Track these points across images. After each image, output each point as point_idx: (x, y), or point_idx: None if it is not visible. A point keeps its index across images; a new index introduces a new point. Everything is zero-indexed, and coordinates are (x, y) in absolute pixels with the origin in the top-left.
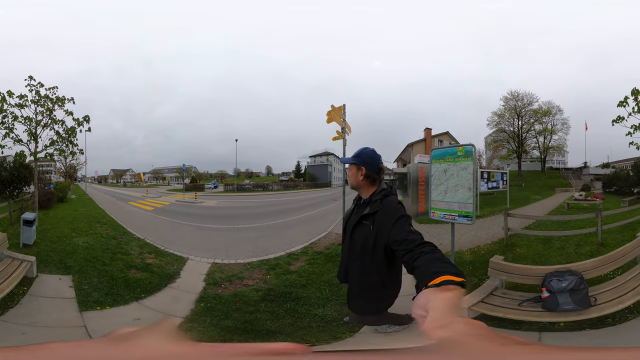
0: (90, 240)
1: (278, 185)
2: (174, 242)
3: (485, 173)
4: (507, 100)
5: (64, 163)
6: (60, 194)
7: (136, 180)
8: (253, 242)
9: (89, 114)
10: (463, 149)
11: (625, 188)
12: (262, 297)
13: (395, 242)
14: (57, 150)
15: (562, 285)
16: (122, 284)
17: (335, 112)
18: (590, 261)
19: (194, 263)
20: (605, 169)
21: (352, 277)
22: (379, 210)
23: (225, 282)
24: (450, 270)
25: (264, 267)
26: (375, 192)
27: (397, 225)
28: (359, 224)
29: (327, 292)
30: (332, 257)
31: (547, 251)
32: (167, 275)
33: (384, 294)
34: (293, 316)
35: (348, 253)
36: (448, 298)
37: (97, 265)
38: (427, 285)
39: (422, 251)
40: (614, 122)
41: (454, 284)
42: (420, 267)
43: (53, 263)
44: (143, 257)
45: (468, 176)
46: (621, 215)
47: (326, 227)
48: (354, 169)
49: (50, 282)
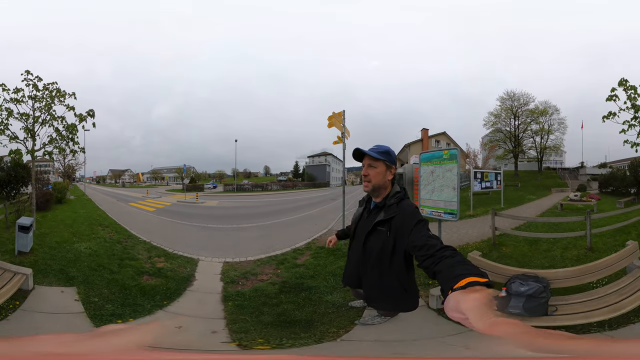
0: (93, 246)
1: (277, 185)
2: (181, 243)
3: (479, 173)
4: (504, 100)
5: (62, 163)
6: (59, 195)
7: (135, 180)
8: (259, 240)
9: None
10: (448, 152)
11: (622, 188)
12: (279, 290)
13: (415, 248)
14: (56, 148)
15: (521, 289)
16: (137, 293)
17: (335, 118)
18: (564, 270)
19: (206, 263)
20: (602, 169)
21: (370, 283)
22: (395, 216)
23: (242, 279)
24: (473, 271)
25: (273, 262)
26: (389, 196)
27: (416, 230)
28: (374, 230)
29: (332, 281)
30: (334, 251)
31: (533, 252)
32: (183, 279)
33: (405, 296)
34: (311, 304)
35: (361, 260)
36: (478, 298)
37: (105, 273)
38: (452, 289)
39: (443, 255)
40: (604, 118)
41: (480, 285)
42: (443, 271)
43: (53, 273)
44: (153, 262)
45: (453, 177)
46: (615, 217)
47: (327, 225)
48: (382, 167)
49: (50, 295)
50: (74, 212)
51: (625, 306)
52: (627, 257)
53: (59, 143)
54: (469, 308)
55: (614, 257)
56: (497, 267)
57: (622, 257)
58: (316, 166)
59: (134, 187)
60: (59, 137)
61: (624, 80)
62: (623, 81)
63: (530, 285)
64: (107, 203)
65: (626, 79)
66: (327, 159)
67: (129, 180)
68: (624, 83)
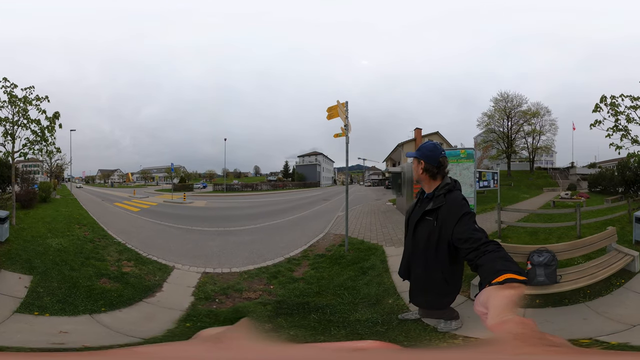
0: (64, 242)
1: (267, 185)
2: (159, 247)
3: (477, 173)
4: (497, 102)
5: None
6: (43, 194)
7: (124, 180)
8: (247, 247)
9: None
10: (465, 151)
11: (610, 188)
12: (274, 312)
13: (460, 240)
14: (31, 149)
15: (539, 259)
16: (83, 293)
17: (339, 108)
18: (562, 244)
19: (181, 273)
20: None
21: (416, 272)
22: (442, 206)
23: (220, 295)
24: (513, 268)
25: (264, 275)
26: (439, 187)
27: (462, 222)
28: (422, 219)
29: (347, 296)
30: (337, 260)
31: (533, 242)
32: (145, 288)
33: (446, 289)
34: (335, 327)
35: (411, 249)
36: (508, 296)
37: (64, 269)
38: (490, 283)
39: (487, 250)
40: (591, 126)
41: (517, 282)
42: (484, 265)
43: (19, 262)
44: (120, 265)
45: (469, 175)
46: (602, 211)
47: (322, 228)
48: (415, 162)
49: (9, 279)
50: (55, 210)
51: (598, 276)
52: (607, 238)
53: (34, 145)
54: (495, 304)
55: (596, 237)
56: (517, 247)
57: (603, 238)
58: (306, 166)
59: (123, 187)
60: (35, 138)
61: (604, 97)
62: (604, 98)
63: (544, 255)
64: (92, 203)
65: (606, 96)
66: (317, 158)
67: (117, 180)
68: (604, 100)
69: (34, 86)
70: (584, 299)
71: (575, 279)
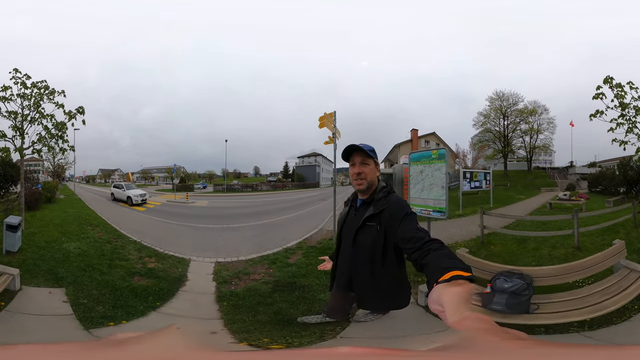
0: (82, 246)
1: (267, 185)
2: (172, 243)
3: (468, 173)
4: (493, 101)
5: (52, 162)
6: (48, 194)
7: (124, 180)
8: (250, 240)
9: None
10: (437, 152)
11: (611, 188)
12: (272, 289)
13: (403, 240)
14: (45, 146)
15: (505, 286)
16: (129, 294)
17: (326, 118)
18: (547, 268)
19: (197, 264)
20: (591, 169)
21: (361, 284)
22: (384, 209)
23: (235, 279)
24: (458, 265)
25: (265, 262)
26: (377, 191)
27: (405, 222)
28: (363, 226)
29: (324, 279)
30: (325, 250)
31: (521, 251)
32: (175, 279)
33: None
34: (305, 303)
35: (351, 260)
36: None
37: (95, 274)
38: (437, 281)
39: (430, 248)
40: (591, 116)
41: (463, 279)
42: (429, 264)
43: (41, 274)
44: (144, 262)
45: (441, 176)
46: (604, 216)
47: (316, 225)
48: (373, 165)
49: (37, 296)
50: (63, 211)
51: (607, 307)
52: (614, 256)
53: (48, 141)
54: (448, 301)
55: (599, 255)
56: (484, 264)
57: (608, 256)
58: (306, 167)
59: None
60: (48, 135)
61: (609, 77)
62: (608, 79)
63: (514, 282)
64: (96, 202)
65: (611, 77)
66: (316, 159)
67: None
68: (609, 80)
69: (46, 80)
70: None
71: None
